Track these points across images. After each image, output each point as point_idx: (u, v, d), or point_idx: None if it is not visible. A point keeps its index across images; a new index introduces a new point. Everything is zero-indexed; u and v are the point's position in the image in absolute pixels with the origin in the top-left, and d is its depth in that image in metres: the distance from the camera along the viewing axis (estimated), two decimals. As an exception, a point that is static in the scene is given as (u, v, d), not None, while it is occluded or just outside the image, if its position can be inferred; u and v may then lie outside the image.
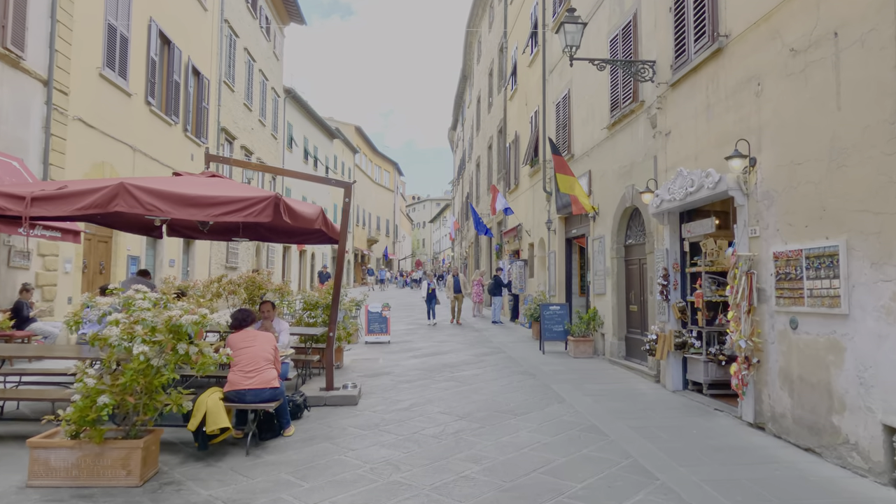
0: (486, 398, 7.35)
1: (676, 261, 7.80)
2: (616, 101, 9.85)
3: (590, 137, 11.36)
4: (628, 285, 9.81)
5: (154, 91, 14.65)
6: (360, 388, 7.46)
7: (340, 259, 7.38)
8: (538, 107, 15.28)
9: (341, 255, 7.37)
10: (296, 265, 32.00)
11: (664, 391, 7.71)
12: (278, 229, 8.89)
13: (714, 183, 6.27)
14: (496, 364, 10.08)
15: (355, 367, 9.78)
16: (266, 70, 26.33)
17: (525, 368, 9.58)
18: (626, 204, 9.42)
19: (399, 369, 9.55)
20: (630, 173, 9.34)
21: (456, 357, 10.89)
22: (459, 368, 9.61)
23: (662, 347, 7.68)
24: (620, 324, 9.89)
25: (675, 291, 7.75)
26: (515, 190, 18.31)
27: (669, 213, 7.80)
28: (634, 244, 9.55)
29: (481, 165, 26.76)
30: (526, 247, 17.00)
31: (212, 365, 4.46)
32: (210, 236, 8.85)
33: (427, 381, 8.56)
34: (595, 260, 10.93)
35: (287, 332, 6.61)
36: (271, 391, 5.20)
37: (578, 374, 9.05)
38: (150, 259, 15.66)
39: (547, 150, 14.22)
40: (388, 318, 12.99)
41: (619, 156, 9.85)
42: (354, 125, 46.43)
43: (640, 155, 8.94)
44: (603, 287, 10.53)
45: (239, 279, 9.84)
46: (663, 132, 8.03)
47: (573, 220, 13.00)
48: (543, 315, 11.38)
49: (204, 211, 5.37)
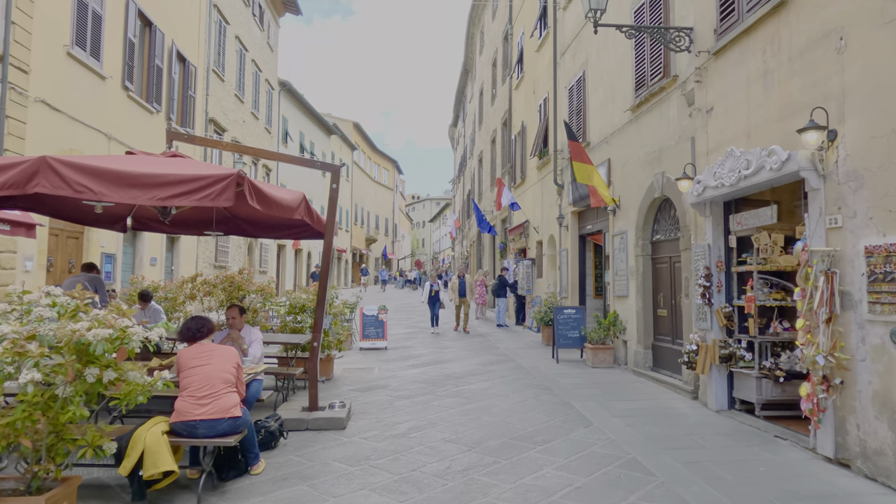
0: (498, 420, 6.22)
1: (721, 258, 6.67)
2: (642, 78, 8.72)
3: (609, 122, 10.24)
4: (656, 287, 8.68)
5: (132, 75, 13.52)
6: (349, 406, 6.33)
7: (326, 256, 6.25)
8: (547, 94, 14.15)
9: (327, 251, 6.25)
10: (291, 265, 30.87)
11: (706, 411, 6.58)
12: (256, 221, 7.78)
13: (779, 163, 5.14)
14: (506, 375, 8.95)
15: (347, 378, 8.66)
16: (259, 61, 25.21)
17: (539, 381, 8.45)
18: (655, 194, 8.29)
19: (396, 381, 8.42)
20: (659, 159, 8.22)
21: (460, 366, 9.76)
22: (465, 380, 8.48)
23: (704, 360, 6.56)
24: (646, 330, 8.76)
25: (719, 294, 6.62)
26: (522, 184, 17.18)
27: (712, 203, 6.67)
28: (664, 240, 8.43)
29: (484, 160, 25.64)
30: (533, 245, 15.87)
31: (141, 394, 3.33)
32: (177, 229, 7.73)
33: (428, 396, 7.43)
34: (615, 258, 9.81)
35: (259, 343, 5.49)
36: (230, 422, 4.07)
37: (601, 388, 7.92)
38: (129, 257, 14.53)
39: (559, 139, 13.10)
40: (384, 321, 11.86)
41: (645, 140, 8.73)
42: (353, 121, 45.31)
43: (673, 137, 7.82)
44: (625, 289, 9.41)
45: (215, 279, 8.71)
46: (703, 109, 6.91)
47: (588, 214, 11.87)
48: (557, 320, 10.25)
49: (147, 193, 4.24)
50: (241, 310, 5.52)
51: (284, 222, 7.64)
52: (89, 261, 9.35)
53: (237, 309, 5.48)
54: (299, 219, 6.09)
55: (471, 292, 16.19)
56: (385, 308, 11.98)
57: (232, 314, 5.43)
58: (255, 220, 7.78)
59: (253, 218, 7.72)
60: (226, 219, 7.67)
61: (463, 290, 15.27)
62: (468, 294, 15.43)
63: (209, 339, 4.43)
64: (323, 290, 6.17)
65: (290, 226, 7.73)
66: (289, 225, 7.71)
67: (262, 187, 4.80)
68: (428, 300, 15.23)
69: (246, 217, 7.68)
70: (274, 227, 7.90)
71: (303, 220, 6.13)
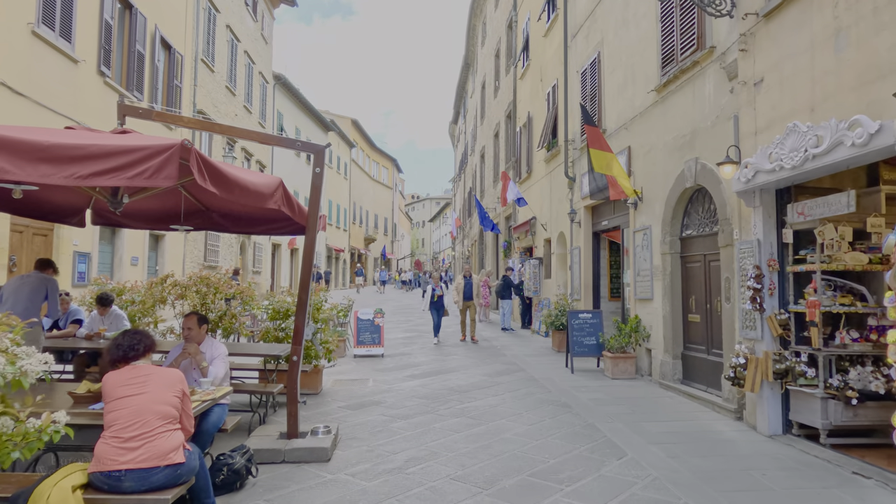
0: (513, 449, 5.23)
1: (773, 256, 5.68)
2: (670, 53, 7.74)
3: (629, 106, 9.25)
4: (687, 289, 7.69)
5: (110, 60, 12.53)
6: (336, 431, 5.34)
7: (308, 254, 5.26)
8: (556, 80, 13.16)
9: (309, 248, 5.26)
10: (286, 265, 29.87)
11: (756, 436, 5.59)
12: (232, 214, 6.80)
13: (866, 136, 4.14)
14: (516, 388, 7.95)
15: (337, 392, 7.66)
16: (253, 53, 24.22)
17: (555, 395, 7.46)
18: (686, 184, 7.30)
19: (393, 396, 7.43)
20: (691, 144, 7.23)
21: (464, 377, 8.77)
22: (470, 395, 7.49)
23: (755, 375, 5.56)
24: (675, 338, 7.76)
25: (772, 298, 5.63)
26: (528, 179, 16.18)
27: (763, 191, 5.68)
28: (697, 236, 7.44)
29: (486, 156, 24.65)
30: (540, 243, 14.87)
31: (18, 449, 2.33)
32: (138, 223, 6.73)
33: (429, 415, 6.43)
34: (637, 257, 8.82)
35: (223, 360, 4.49)
36: (168, 472, 3.08)
37: (627, 404, 6.93)
38: (106, 256, 13.53)
39: (570, 128, 12.10)
40: (381, 326, 10.87)
41: (673, 124, 7.74)
42: (351, 118, 44.30)
43: (709, 118, 6.83)
44: (649, 291, 8.41)
45: (188, 280, 7.72)
46: (749, 82, 5.91)
47: (603, 209, 10.88)
48: (571, 325, 9.25)
49: (63, 169, 3.23)
50: (200, 319, 4.52)
51: (264, 215, 6.67)
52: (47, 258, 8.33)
53: (195, 318, 4.48)
54: (276, 209, 5.13)
55: (478, 295, 14.14)
56: (382, 312, 10.98)
57: (189, 324, 4.43)
58: (230, 212, 6.80)
59: (227, 210, 6.73)
60: (197, 211, 6.68)
61: (469, 292, 13.07)
62: (475, 296, 13.33)
63: (146, 359, 3.42)
64: (304, 293, 5.18)
65: (270, 219, 6.76)
66: (269, 218, 6.73)
67: (219, 166, 3.81)
68: (430, 306, 12.90)
69: (220, 209, 6.70)
70: (253, 220, 6.92)
71: (280, 209, 5.15)
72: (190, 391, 3.90)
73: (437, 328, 12.92)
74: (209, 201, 6.49)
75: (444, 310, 12.94)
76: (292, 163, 30.18)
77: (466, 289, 13.02)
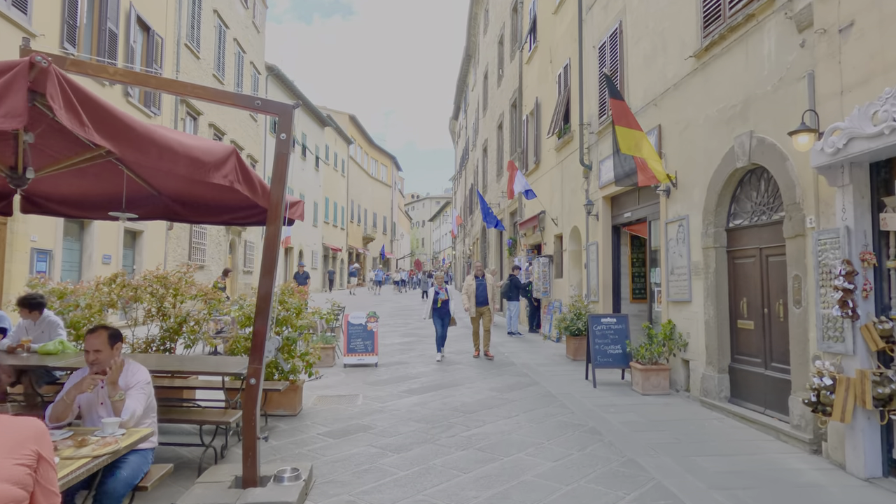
0: (538, 499, 4.00)
1: (868, 247, 4.46)
2: (715, 10, 6.52)
3: (658, 79, 8.03)
4: (735, 289, 6.47)
5: (75, 37, 11.31)
6: (308, 475, 4.12)
7: (271, 244, 4.02)
8: (569, 59, 11.95)
9: (272, 237, 4.02)
10: (280, 264, 28.63)
11: (849, 479, 4.36)
12: (188, 199, 5.59)
13: None
14: (532, 407, 6.73)
15: (320, 413, 6.44)
16: (243, 41, 23.02)
17: (579, 417, 6.23)
18: (736, 163, 6.08)
19: (385, 418, 6.20)
20: (744, 115, 6.01)
21: (470, 393, 7.55)
22: (478, 417, 6.27)
23: (845, 400, 4.34)
24: (721, 348, 6.53)
25: (867, 302, 4.40)
26: (536, 170, 14.95)
27: (854, 165, 4.46)
28: (750, 226, 6.21)
29: (489, 149, 23.42)
30: (550, 239, 13.65)
31: None
32: (68, 209, 5.51)
33: (429, 446, 5.21)
34: (670, 252, 7.59)
35: (141, 392, 3.23)
36: None
37: (669, 430, 5.70)
38: (73, 254, 12.30)
39: (586, 110, 10.88)
40: (375, 331, 9.65)
41: (718, 93, 6.52)
42: (349, 114, 43.05)
43: (769, 81, 5.61)
44: (685, 291, 7.19)
45: (143, 279, 6.50)
46: (832, 29, 4.69)
47: (624, 200, 9.66)
48: (593, 331, 8.02)
49: None
50: (112, 336, 3.28)
51: (227, 200, 5.46)
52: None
53: (104, 335, 3.22)
54: (227, 185, 3.92)
55: (493, 298, 11.04)
56: (376, 315, 9.77)
57: (95, 343, 3.18)
58: (186, 197, 5.59)
59: (183, 194, 5.52)
60: (146, 196, 5.47)
61: (483, 295, 10.45)
62: (490, 300, 10.60)
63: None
64: (264, 302, 3.95)
65: (235, 205, 5.57)
66: (233, 204, 5.54)
67: (106, 106, 2.58)
68: (432, 313, 10.29)
69: (173, 193, 5.49)
70: (214, 207, 5.71)
71: (233, 186, 3.94)
72: (79, 441, 2.68)
73: (442, 341, 10.33)
74: (160, 183, 5.28)
75: (450, 318, 10.32)
76: (286, 158, 28.96)
77: (479, 292, 10.45)
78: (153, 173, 4.99)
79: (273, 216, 4.02)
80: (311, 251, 33.39)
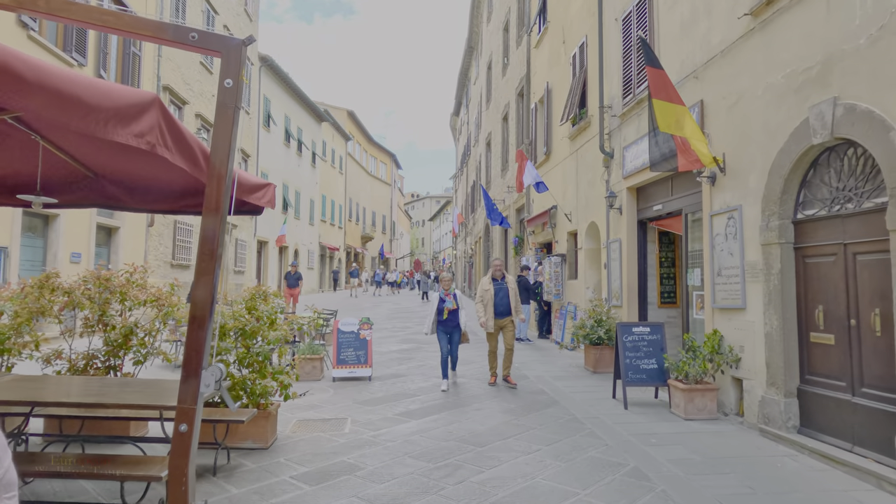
0: None
1: None
2: (780, -47, 5.35)
3: (700, 47, 6.86)
4: (808, 295, 5.28)
5: (35, 10, 10.13)
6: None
7: (208, 233, 2.83)
8: (585, 37, 10.78)
9: (211, 226, 2.82)
10: (274, 264, 27.47)
11: None
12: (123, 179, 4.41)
13: None
14: (556, 437, 5.54)
15: (297, 444, 5.26)
16: (234, 28, 21.86)
17: (616, 452, 5.04)
18: (814, 139, 4.91)
19: (377, 456, 5.01)
20: (824, 79, 4.83)
21: (479, 417, 6.36)
22: (491, 453, 5.08)
23: None
24: (788, 366, 5.35)
25: None
26: (546, 162, 13.77)
27: None
28: (829, 216, 5.03)
29: (493, 143, 22.25)
30: (563, 236, 12.47)
31: None
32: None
33: (432, 499, 4.03)
34: (716, 250, 6.42)
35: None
36: None
37: (735, 474, 4.52)
38: (35, 252, 11.11)
39: (607, 92, 9.70)
40: (368, 340, 8.47)
41: (785, 56, 5.34)
42: (347, 109, 41.86)
43: (865, 32, 4.43)
44: (737, 296, 6.01)
45: (82, 282, 5.32)
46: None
47: (653, 190, 8.49)
48: (623, 342, 6.84)
49: None
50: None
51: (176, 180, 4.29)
52: None
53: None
54: (146, 149, 2.75)
55: (517, 309, 8.06)
56: (369, 322, 8.59)
57: None
58: (127, 178, 4.41)
59: (121, 174, 4.34)
60: (76, 178, 4.31)
61: (503, 304, 7.91)
62: (514, 310, 7.97)
63: None
64: (203, 304, 2.75)
65: (188, 188, 4.41)
66: (187, 187, 4.38)
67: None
68: (437, 325, 7.89)
69: (111, 173, 4.30)
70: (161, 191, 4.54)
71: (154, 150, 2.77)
72: None
73: (448, 363, 7.90)
74: (92, 159, 4.11)
75: (461, 333, 7.95)
76: (282, 154, 27.80)
77: (499, 299, 7.91)
78: (80, 145, 3.82)
79: (213, 195, 2.83)
80: (307, 250, 32.20)
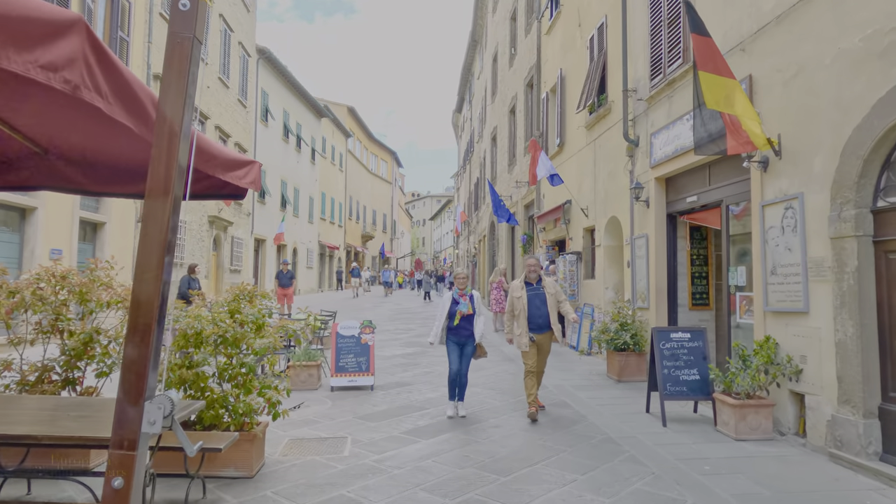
0: None
1: None
2: None
3: (747, 15, 6.06)
4: (890, 299, 4.48)
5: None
6: None
7: (155, 215, 2.02)
8: (605, 18, 9.97)
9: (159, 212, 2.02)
10: (272, 262, 26.66)
11: None
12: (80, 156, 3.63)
13: None
14: (591, 463, 4.73)
15: (287, 471, 4.45)
16: (231, 18, 21.04)
17: (667, 484, 4.24)
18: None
19: (381, 489, 4.20)
20: (917, 39, 4.03)
21: (498, 435, 5.56)
22: (518, 484, 4.27)
23: None
24: (867, 381, 4.55)
25: None
26: (559, 153, 12.96)
27: None
28: (922, 203, 4.24)
29: (499, 137, 21.43)
30: (578, 233, 11.67)
31: None
32: None
33: (451, 550, 3.23)
34: (769, 245, 5.61)
35: None
36: None
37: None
38: (10, 247, 10.30)
39: (631, 75, 8.88)
40: (370, 345, 7.67)
41: (862, 16, 4.54)
42: (347, 105, 41.07)
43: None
44: (798, 298, 5.21)
45: (34, 280, 4.52)
46: None
47: (685, 180, 7.69)
48: (660, 351, 6.03)
49: None
50: None
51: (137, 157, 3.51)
52: None
53: None
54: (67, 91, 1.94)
55: (556, 319, 6.31)
56: (371, 325, 7.79)
57: None
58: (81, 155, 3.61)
59: (75, 150, 3.54)
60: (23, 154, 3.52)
61: (541, 313, 6.19)
62: (553, 320, 6.25)
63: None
64: (147, 307, 1.94)
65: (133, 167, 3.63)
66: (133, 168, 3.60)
67: None
68: (447, 335, 6.26)
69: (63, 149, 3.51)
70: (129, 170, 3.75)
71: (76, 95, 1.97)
72: None
73: (458, 384, 6.25)
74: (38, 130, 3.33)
75: (475, 345, 6.25)
76: (281, 149, 27.01)
77: (534, 308, 6.20)
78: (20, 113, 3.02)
79: (161, 158, 2.00)
80: (306, 249, 31.40)
